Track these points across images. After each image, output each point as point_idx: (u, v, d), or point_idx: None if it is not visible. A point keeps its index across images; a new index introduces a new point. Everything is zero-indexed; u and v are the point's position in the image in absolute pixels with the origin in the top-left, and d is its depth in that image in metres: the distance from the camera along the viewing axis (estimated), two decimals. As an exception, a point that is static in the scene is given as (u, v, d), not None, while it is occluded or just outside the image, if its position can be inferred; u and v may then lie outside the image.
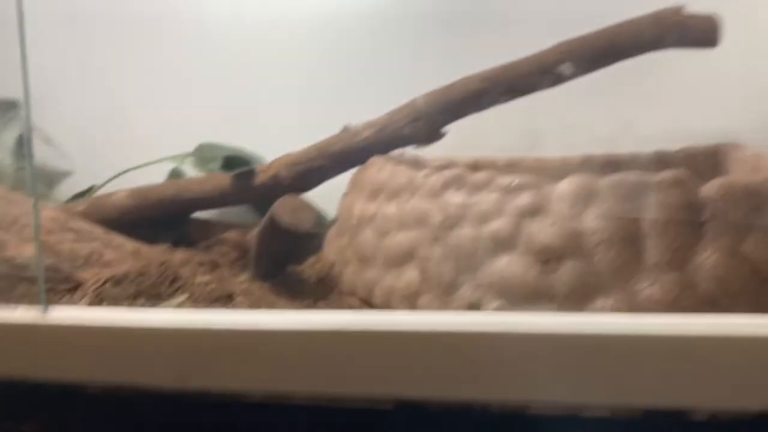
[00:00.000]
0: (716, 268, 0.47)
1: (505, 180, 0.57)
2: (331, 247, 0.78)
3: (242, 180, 0.82)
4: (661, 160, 0.89)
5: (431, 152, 0.87)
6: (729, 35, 0.77)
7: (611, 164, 0.90)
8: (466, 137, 0.91)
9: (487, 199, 0.57)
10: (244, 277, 0.76)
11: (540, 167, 0.91)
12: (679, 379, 0.37)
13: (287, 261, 0.77)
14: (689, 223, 0.49)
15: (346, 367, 0.42)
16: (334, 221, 0.88)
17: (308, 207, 0.70)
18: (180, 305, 0.61)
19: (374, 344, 0.42)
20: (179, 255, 0.78)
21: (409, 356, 0.41)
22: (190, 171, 0.90)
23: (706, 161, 0.87)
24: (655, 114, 0.95)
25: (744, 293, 0.47)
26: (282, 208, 0.70)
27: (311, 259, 0.81)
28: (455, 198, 0.59)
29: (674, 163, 0.88)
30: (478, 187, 0.59)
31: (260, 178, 0.82)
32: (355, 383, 0.42)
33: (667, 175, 0.51)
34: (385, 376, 0.41)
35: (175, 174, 0.89)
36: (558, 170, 0.90)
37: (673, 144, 0.88)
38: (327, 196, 0.87)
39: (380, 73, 1.03)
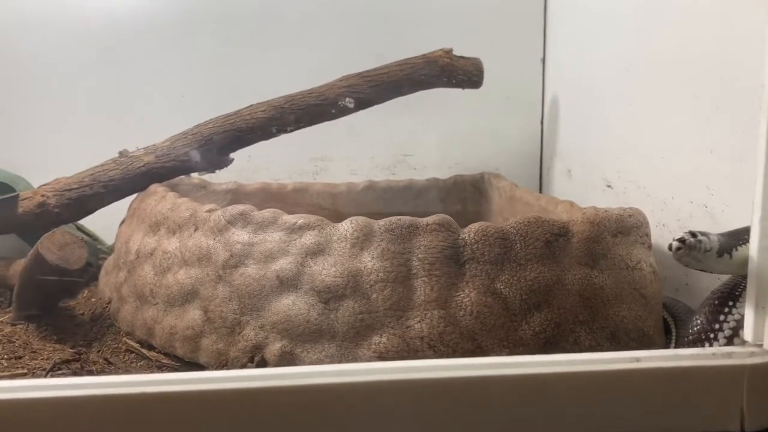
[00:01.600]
0: (474, 305, 0.53)
1: (290, 219, 0.58)
2: (107, 281, 0.73)
3: (2, 208, 0.74)
4: (434, 186, 0.97)
5: (219, 177, 0.86)
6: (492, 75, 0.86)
7: (391, 189, 0.96)
8: (255, 163, 0.91)
9: (272, 238, 0.58)
10: (7, 317, 0.69)
11: (327, 192, 0.94)
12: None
13: (57, 297, 0.71)
14: (452, 263, 0.55)
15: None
16: (112, 248, 0.83)
17: (79, 243, 0.65)
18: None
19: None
20: None
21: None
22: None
23: (472, 188, 0.97)
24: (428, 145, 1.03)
25: (497, 327, 0.53)
26: (48, 245, 0.64)
27: (85, 293, 0.76)
28: (240, 236, 0.59)
29: (445, 188, 0.97)
30: (264, 226, 0.59)
31: (25, 206, 0.75)
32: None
33: (433, 219, 0.56)
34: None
35: None
36: (344, 195, 0.94)
37: (443, 172, 0.97)
38: (105, 221, 0.82)
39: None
